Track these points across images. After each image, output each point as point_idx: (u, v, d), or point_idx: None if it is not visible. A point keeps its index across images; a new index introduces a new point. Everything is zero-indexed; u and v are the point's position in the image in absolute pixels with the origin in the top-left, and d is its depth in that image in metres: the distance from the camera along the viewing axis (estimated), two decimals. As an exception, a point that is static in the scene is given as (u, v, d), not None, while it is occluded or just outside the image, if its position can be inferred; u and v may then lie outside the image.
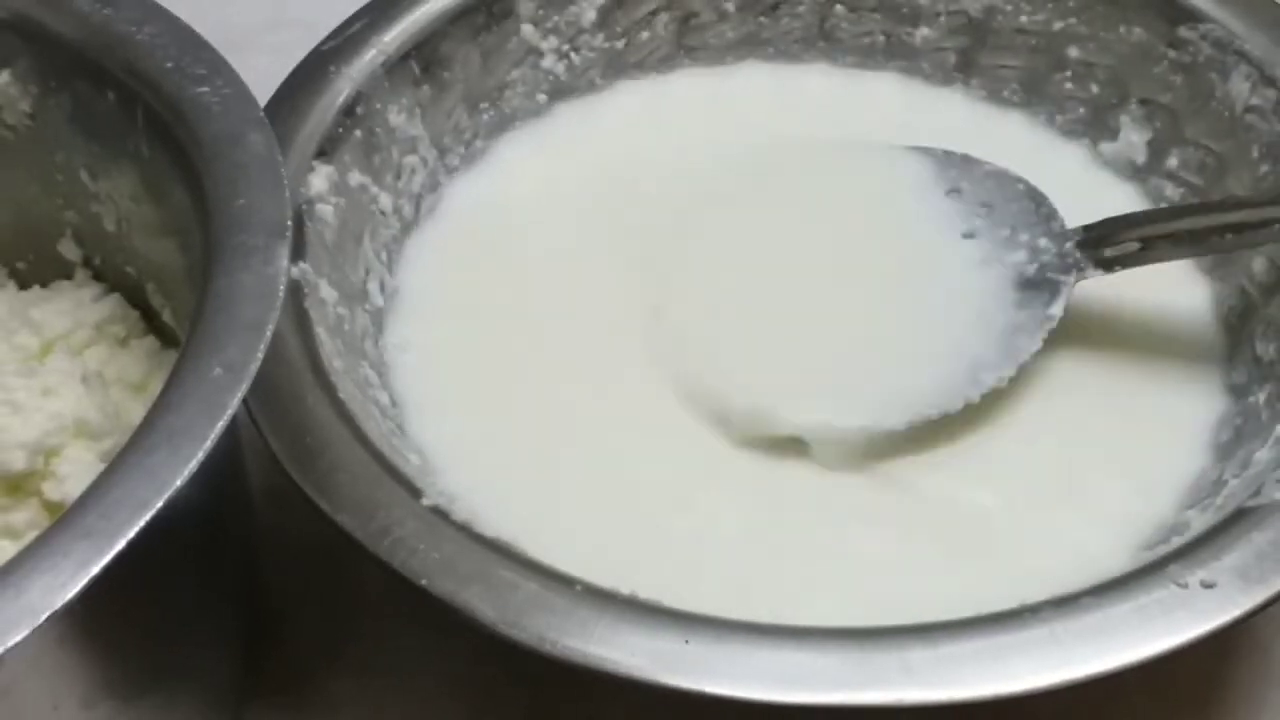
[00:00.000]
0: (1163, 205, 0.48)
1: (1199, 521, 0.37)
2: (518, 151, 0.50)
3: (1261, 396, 0.41)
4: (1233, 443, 0.41)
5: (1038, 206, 0.45)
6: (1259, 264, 0.44)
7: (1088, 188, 0.49)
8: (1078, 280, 0.43)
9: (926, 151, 0.48)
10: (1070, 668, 0.31)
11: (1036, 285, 0.44)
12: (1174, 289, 0.45)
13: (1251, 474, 0.38)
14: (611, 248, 0.47)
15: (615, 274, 0.46)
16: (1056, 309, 0.43)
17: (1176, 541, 0.36)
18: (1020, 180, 0.46)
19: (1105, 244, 0.43)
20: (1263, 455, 0.38)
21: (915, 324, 0.44)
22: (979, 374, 0.42)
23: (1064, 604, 0.33)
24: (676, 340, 0.44)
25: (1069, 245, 0.44)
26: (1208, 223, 0.42)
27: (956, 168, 0.47)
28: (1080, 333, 0.44)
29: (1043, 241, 0.44)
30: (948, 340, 0.43)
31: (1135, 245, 0.43)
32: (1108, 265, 0.43)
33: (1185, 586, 0.33)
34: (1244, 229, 0.41)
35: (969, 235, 0.45)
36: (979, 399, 0.42)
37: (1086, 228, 0.44)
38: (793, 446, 0.41)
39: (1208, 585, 0.33)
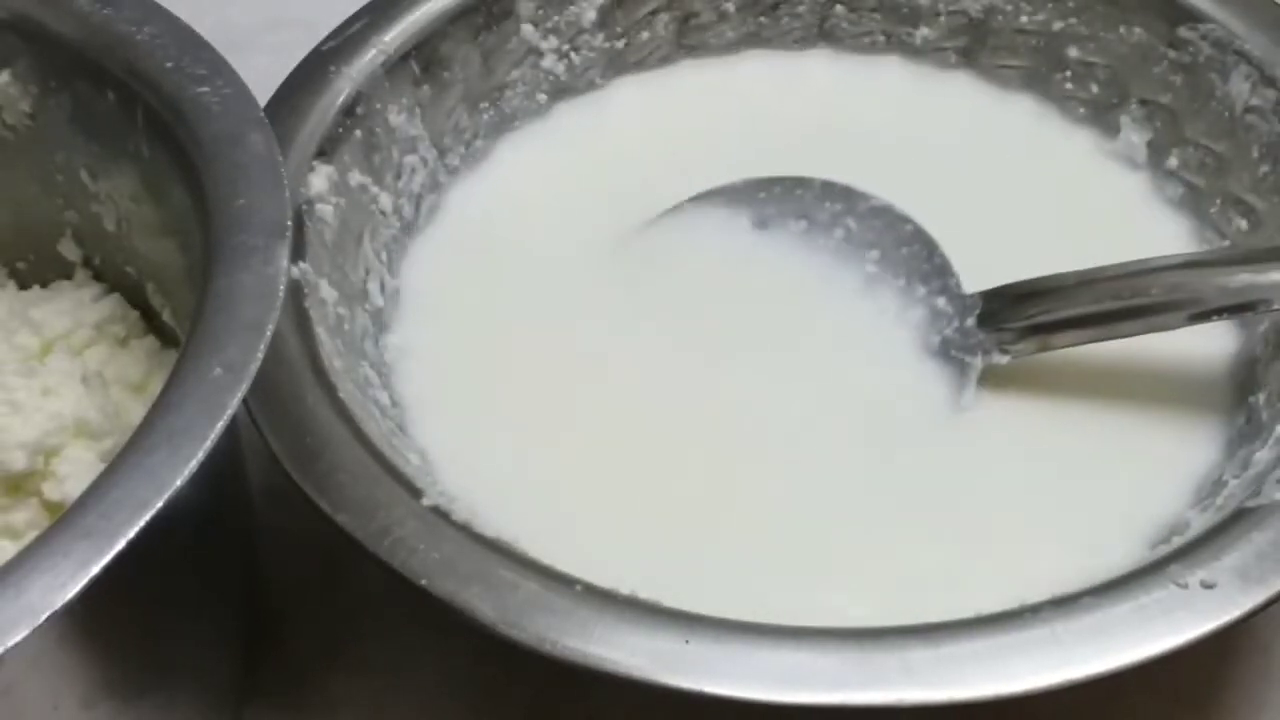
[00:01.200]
0: (1164, 204, 0.48)
1: (1199, 521, 0.37)
2: (518, 151, 0.50)
3: (1262, 396, 0.41)
4: (1233, 443, 0.41)
5: (930, 255, 0.44)
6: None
7: (1096, 175, 0.48)
8: (985, 365, 0.42)
9: (804, 183, 0.46)
10: (1070, 668, 0.31)
11: (943, 359, 0.42)
12: None
13: (1251, 474, 0.38)
14: (612, 247, 0.47)
15: (616, 273, 0.46)
16: (967, 398, 0.41)
17: (1177, 541, 0.36)
18: (908, 220, 0.44)
19: (1002, 322, 0.41)
20: (1263, 455, 0.38)
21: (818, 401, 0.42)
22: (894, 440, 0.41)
23: (1064, 604, 0.33)
24: None
25: (970, 322, 0.42)
26: (1111, 307, 0.40)
27: (840, 202, 0.45)
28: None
29: (940, 301, 0.43)
30: (857, 418, 0.41)
31: (1030, 330, 0.41)
32: (1010, 350, 0.41)
33: (1185, 587, 0.33)
34: (1149, 312, 0.39)
35: (867, 284, 0.44)
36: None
37: (985, 296, 0.42)
38: (792, 445, 0.41)
39: (1208, 585, 0.33)
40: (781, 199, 0.46)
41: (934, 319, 0.43)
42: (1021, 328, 0.42)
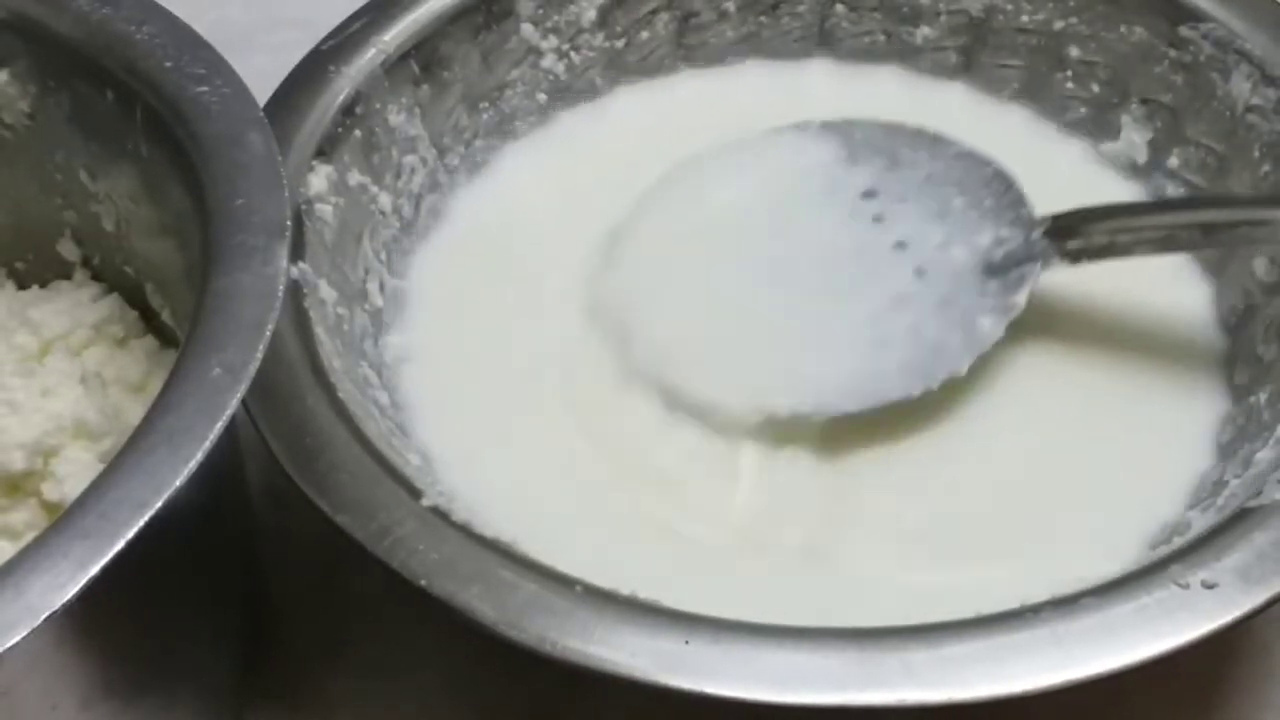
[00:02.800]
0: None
1: (1200, 522, 0.37)
2: (520, 159, 0.50)
3: (1263, 396, 0.41)
4: (1234, 443, 0.40)
5: (1006, 190, 0.45)
6: (1260, 265, 0.44)
7: (1091, 183, 0.49)
8: (1043, 270, 0.43)
9: (897, 129, 0.48)
10: (1071, 668, 0.31)
11: (1002, 272, 0.43)
12: (1174, 289, 0.45)
13: (1252, 474, 0.38)
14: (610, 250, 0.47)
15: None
16: (1020, 298, 0.43)
17: (1178, 542, 0.36)
18: (989, 162, 0.46)
19: (1073, 235, 0.43)
20: (1264, 455, 0.38)
21: (876, 309, 0.43)
22: (938, 361, 0.42)
23: (1065, 604, 0.33)
24: (619, 326, 0.44)
25: (1036, 234, 0.43)
26: (1179, 220, 0.42)
27: (926, 148, 0.47)
28: (1079, 331, 0.44)
29: (1009, 228, 0.44)
30: (908, 325, 0.43)
31: (1103, 239, 0.42)
32: (1074, 257, 0.43)
33: (1186, 587, 0.33)
34: (1215, 229, 0.41)
35: (939, 217, 0.45)
36: (938, 386, 0.42)
37: (1055, 217, 0.44)
38: (792, 444, 0.41)
39: (1209, 586, 0.33)
40: (870, 138, 0.47)
41: (998, 242, 0.44)
42: (1091, 239, 0.43)
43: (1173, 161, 0.48)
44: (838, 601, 0.37)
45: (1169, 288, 0.45)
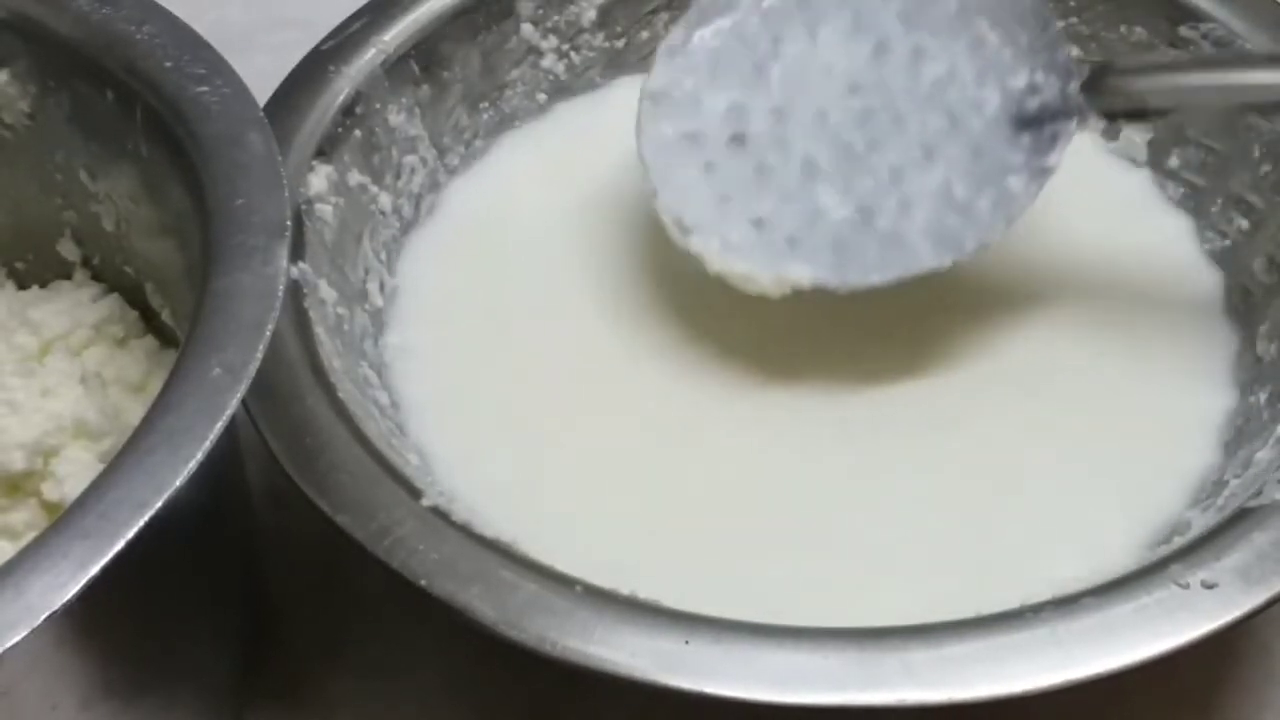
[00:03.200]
0: (1164, 203, 0.48)
1: (1200, 521, 0.37)
2: (517, 149, 0.50)
3: (1263, 396, 0.41)
4: (1235, 442, 0.40)
5: (1044, 28, 0.43)
6: (1259, 263, 0.44)
7: (1096, 174, 0.48)
8: (1078, 128, 0.42)
9: None
10: (1071, 668, 0.31)
11: (1035, 125, 0.42)
12: (1183, 278, 0.45)
13: (1252, 474, 0.38)
14: (611, 247, 0.47)
15: (615, 273, 0.46)
16: (1054, 158, 0.41)
17: (1178, 542, 0.36)
18: None
19: (1111, 90, 0.41)
20: (1264, 455, 0.38)
21: (903, 161, 0.42)
22: (969, 226, 0.41)
23: (1065, 604, 0.33)
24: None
25: (1073, 86, 0.42)
26: (1229, 81, 0.41)
27: None
28: (1083, 319, 0.44)
29: (1044, 73, 0.42)
30: (938, 182, 0.42)
31: (1145, 91, 0.41)
32: (1112, 116, 0.41)
33: (1186, 587, 0.33)
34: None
35: (972, 51, 0.43)
36: (970, 256, 0.41)
37: (1093, 66, 0.42)
38: (792, 444, 0.41)
39: (1209, 586, 0.33)
40: None
41: (1032, 88, 0.42)
42: (1130, 95, 0.41)
43: (1173, 161, 0.48)
44: (837, 601, 0.37)
45: (1179, 278, 0.45)
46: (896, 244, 0.42)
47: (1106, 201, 0.48)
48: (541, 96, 0.51)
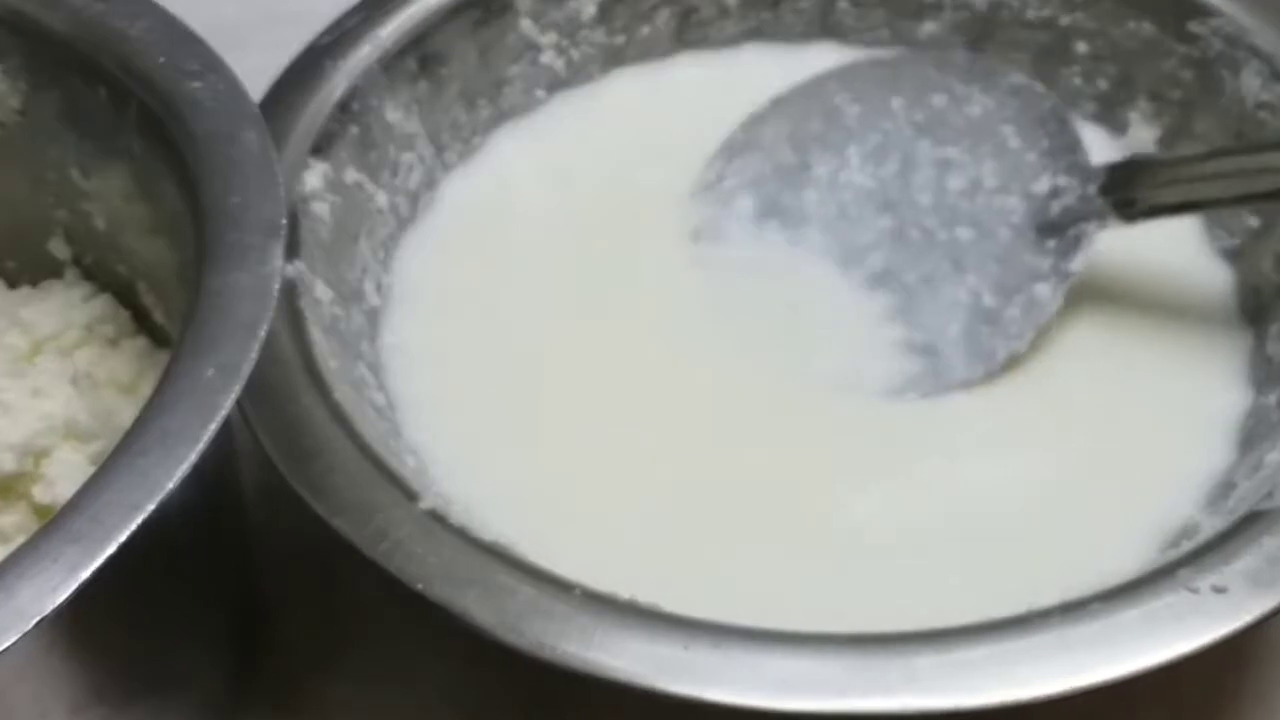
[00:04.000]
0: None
1: (1209, 525, 0.37)
2: (514, 142, 0.50)
3: (1273, 398, 0.41)
4: (1245, 444, 0.40)
5: (1062, 130, 0.44)
6: (1269, 262, 0.43)
7: None
8: (1099, 230, 0.42)
9: (947, 62, 0.47)
10: (1079, 674, 0.31)
11: (1059, 231, 0.42)
12: (1196, 277, 0.45)
13: (1262, 477, 0.37)
14: (612, 244, 0.46)
15: (614, 271, 0.45)
16: (1077, 264, 0.42)
17: (1187, 545, 0.35)
18: (1048, 97, 0.45)
19: (1131, 189, 0.42)
20: (1274, 458, 0.38)
21: (934, 272, 0.43)
22: (998, 337, 0.42)
23: (1073, 609, 0.32)
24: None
25: (1092, 188, 0.42)
26: (1244, 165, 0.41)
27: (979, 81, 0.46)
28: (1094, 321, 0.44)
29: (1066, 176, 0.43)
30: (968, 291, 0.42)
31: (1163, 190, 0.41)
32: (1132, 217, 0.42)
33: (1196, 591, 0.32)
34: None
35: (995, 158, 0.44)
36: (999, 366, 0.41)
37: (1112, 167, 0.43)
38: (792, 445, 0.41)
39: (1219, 590, 0.33)
40: (920, 74, 0.47)
41: (1054, 191, 0.43)
42: (1152, 194, 0.42)
43: (1181, 159, 0.48)
44: (840, 604, 0.37)
45: (1190, 275, 0.45)
46: (931, 356, 0.42)
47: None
48: (540, 93, 0.50)
